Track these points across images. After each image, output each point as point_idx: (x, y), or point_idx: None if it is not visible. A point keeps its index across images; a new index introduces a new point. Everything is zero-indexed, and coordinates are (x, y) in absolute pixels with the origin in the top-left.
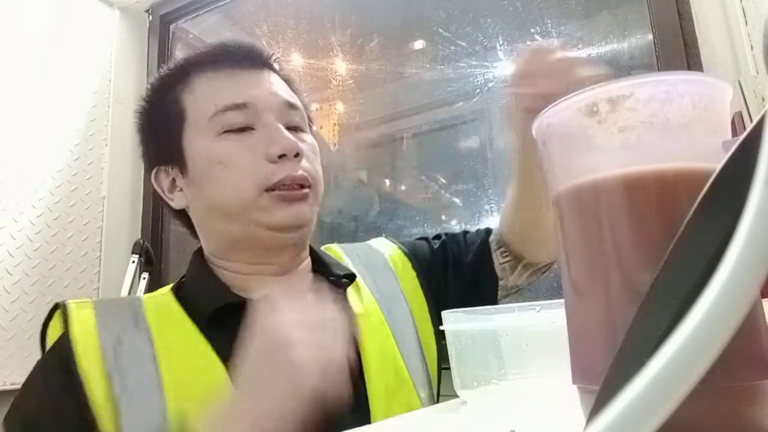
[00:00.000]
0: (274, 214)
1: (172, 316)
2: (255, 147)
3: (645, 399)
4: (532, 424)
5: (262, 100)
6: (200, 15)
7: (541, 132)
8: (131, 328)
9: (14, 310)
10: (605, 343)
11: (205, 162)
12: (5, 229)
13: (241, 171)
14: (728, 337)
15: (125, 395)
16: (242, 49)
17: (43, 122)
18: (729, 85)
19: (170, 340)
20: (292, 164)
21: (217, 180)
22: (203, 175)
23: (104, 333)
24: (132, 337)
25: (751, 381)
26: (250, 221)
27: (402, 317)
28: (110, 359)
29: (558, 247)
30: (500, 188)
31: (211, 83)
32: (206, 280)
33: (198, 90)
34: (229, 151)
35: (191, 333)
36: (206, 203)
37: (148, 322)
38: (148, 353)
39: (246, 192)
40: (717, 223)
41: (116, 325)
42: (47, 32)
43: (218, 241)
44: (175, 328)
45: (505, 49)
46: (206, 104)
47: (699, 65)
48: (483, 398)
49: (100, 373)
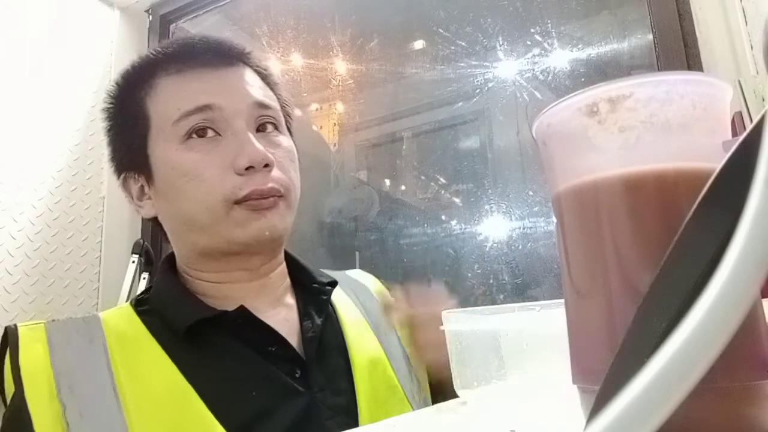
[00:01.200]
0: (246, 228)
1: (133, 335)
2: (221, 158)
3: (645, 399)
4: (532, 424)
5: (230, 102)
6: (200, 15)
7: (541, 132)
8: (87, 351)
9: (14, 310)
10: (605, 343)
11: (170, 172)
12: (5, 229)
13: (207, 184)
14: (728, 337)
15: (83, 424)
16: (210, 46)
17: (43, 122)
18: (729, 85)
19: (131, 361)
20: (262, 176)
21: (183, 193)
22: (169, 186)
23: (57, 361)
24: (88, 362)
25: (751, 381)
26: (219, 235)
27: (387, 331)
28: (64, 388)
29: (558, 247)
30: (500, 188)
31: (176, 85)
32: (176, 293)
33: (162, 93)
34: (194, 162)
35: (154, 352)
36: (174, 214)
37: (107, 343)
38: (105, 377)
39: (213, 206)
40: (717, 223)
41: (70, 350)
42: (47, 32)
43: (189, 251)
44: (136, 347)
45: (505, 49)
46: (170, 108)
47: (699, 65)
48: (483, 398)
49: (50, 407)
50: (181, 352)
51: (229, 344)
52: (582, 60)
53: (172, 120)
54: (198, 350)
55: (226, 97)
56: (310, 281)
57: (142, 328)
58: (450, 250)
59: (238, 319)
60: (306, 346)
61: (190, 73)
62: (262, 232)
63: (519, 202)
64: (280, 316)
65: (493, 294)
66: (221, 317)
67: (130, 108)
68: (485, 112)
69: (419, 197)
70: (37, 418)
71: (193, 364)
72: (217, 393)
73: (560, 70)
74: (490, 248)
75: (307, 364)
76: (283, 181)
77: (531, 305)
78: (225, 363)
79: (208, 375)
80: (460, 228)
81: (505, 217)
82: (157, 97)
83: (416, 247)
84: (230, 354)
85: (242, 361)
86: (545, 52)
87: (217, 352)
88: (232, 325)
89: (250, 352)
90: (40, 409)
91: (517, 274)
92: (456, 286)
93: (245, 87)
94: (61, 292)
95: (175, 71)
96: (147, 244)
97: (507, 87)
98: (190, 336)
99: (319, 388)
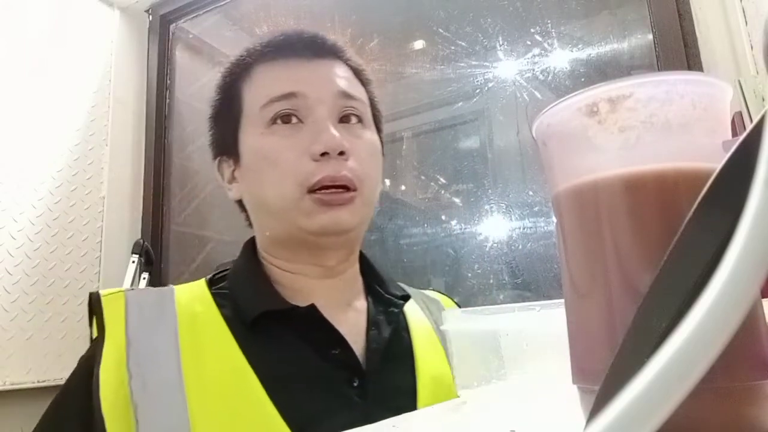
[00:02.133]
0: (314, 219)
1: (205, 317)
2: (299, 144)
3: (645, 399)
4: (532, 424)
5: (314, 90)
6: (200, 15)
7: (541, 132)
8: (157, 325)
9: (14, 310)
10: (605, 343)
11: (253, 155)
12: (5, 229)
13: (283, 169)
14: (728, 337)
15: (145, 396)
16: (304, 38)
17: (43, 122)
18: (729, 85)
19: (199, 342)
20: (336, 163)
21: (262, 176)
22: (251, 170)
23: (130, 330)
24: (157, 336)
25: (751, 381)
26: (290, 221)
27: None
28: (133, 358)
29: (558, 247)
30: (500, 188)
31: (268, 73)
32: (253, 277)
33: (255, 80)
34: (275, 146)
35: (224, 337)
36: (252, 198)
37: (178, 321)
38: (172, 354)
39: (287, 191)
40: (717, 223)
41: (142, 322)
42: (47, 32)
43: (265, 236)
44: (207, 330)
45: (505, 49)
46: (260, 94)
47: (699, 65)
48: (483, 398)
49: (117, 373)
50: (248, 340)
51: (293, 339)
52: (582, 60)
53: (260, 105)
54: (263, 340)
55: (312, 86)
56: (383, 290)
57: (215, 311)
58: (450, 250)
59: (307, 316)
60: (368, 356)
61: (283, 62)
62: (329, 225)
63: (519, 202)
64: (349, 320)
65: (493, 294)
66: (290, 312)
67: (229, 95)
68: (485, 112)
69: (419, 197)
70: (105, 381)
71: (258, 353)
72: (278, 387)
73: (560, 70)
74: (490, 248)
75: (366, 375)
76: (358, 172)
77: (531, 305)
78: (287, 358)
79: (270, 367)
80: (460, 228)
81: (505, 217)
82: (251, 84)
83: (416, 247)
84: (292, 349)
85: (303, 359)
86: (545, 52)
87: (280, 345)
88: (299, 322)
89: (311, 352)
90: (109, 373)
91: (517, 274)
92: (456, 286)
93: (331, 77)
94: (61, 292)
95: (269, 60)
96: (147, 244)
97: (507, 87)
98: (257, 325)
99: (376, 401)
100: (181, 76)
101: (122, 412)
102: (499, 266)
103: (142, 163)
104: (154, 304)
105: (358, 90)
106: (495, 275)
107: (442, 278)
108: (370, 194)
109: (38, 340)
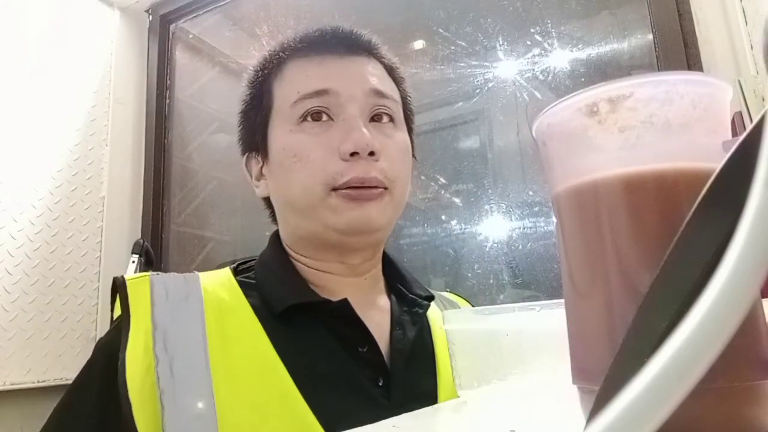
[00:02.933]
0: (341, 215)
1: (232, 305)
2: (329, 142)
3: (645, 399)
4: (532, 424)
5: (346, 88)
6: (200, 15)
7: (541, 132)
8: (184, 311)
9: (14, 310)
10: (605, 343)
11: (281, 152)
12: (5, 229)
13: (310, 166)
14: (728, 337)
15: (172, 381)
16: (337, 35)
17: (43, 122)
18: (729, 85)
19: (227, 329)
20: (366, 164)
21: (289, 173)
22: (279, 166)
23: (156, 314)
24: (184, 321)
25: (751, 381)
26: (317, 220)
27: None
28: (159, 343)
29: (558, 247)
30: (500, 188)
31: (299, 69)
32: (282, 269)
33: (287, 76)
34: (303, 143)
35: (252, 326)
36: (279, 195)
37: (204, 308)
38: (199, 340)
39: (313, 190)
40: (717, 223)
41: (168, 306)
42: (47, 32)
43: (291, 234)
44: (235, 318)
45: (505, 49)
46: (291, 91)
47: (699, 65)
48: (483, 398)
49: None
50: (276, 331)
51: (322, 334)
52: (582, 60)
53: (291, 102)
54: (291, 332)
55: (343, 83)
56: (407, 290)
57: (242, 299)
58: (450, 250)
59: (338, 311)
60: (393, 356)
61: (315, 58)
62: (356, 222)
63: (519, 202)
64: (374, 318)
65: (493, 294)
66: (321, 305)
67: (260, 90)
68: (485, 112)
69: (419, 197)
70: (131, 365)
71: (287, 345)
72: (308, 382)
73: (560, 70)
74: (490, 248)
75: (392, 375)
76: (389, 173)
77: (531, 305)
78: (316, 352)
79: (299, 360)
80: (460, 228)
81: (505, 217)
82: (282, 80)
83: (416, 247)
84: (321, 344)
85: (332, 354)
86: (545, 52)
87: (309, 339)
88: (329, 316)
89: (339, 348)
90: (135, 357)
91: (517, 274)
92: (456, 286)
93: (364, 75)
94: (61, 292)
95: (302, 56)
96: (147, 244)
97: (507, 87)
98: (285, 316)
99: (400, 403)
100: (181, 76)
101: (149, 396)
102: (499, 266)
103: (142, 163)
104: (179, 288)
105: (391, 88)
106: (495, 275)
107: (442, 278)
108: (400, 196)
109: (38, 340)
